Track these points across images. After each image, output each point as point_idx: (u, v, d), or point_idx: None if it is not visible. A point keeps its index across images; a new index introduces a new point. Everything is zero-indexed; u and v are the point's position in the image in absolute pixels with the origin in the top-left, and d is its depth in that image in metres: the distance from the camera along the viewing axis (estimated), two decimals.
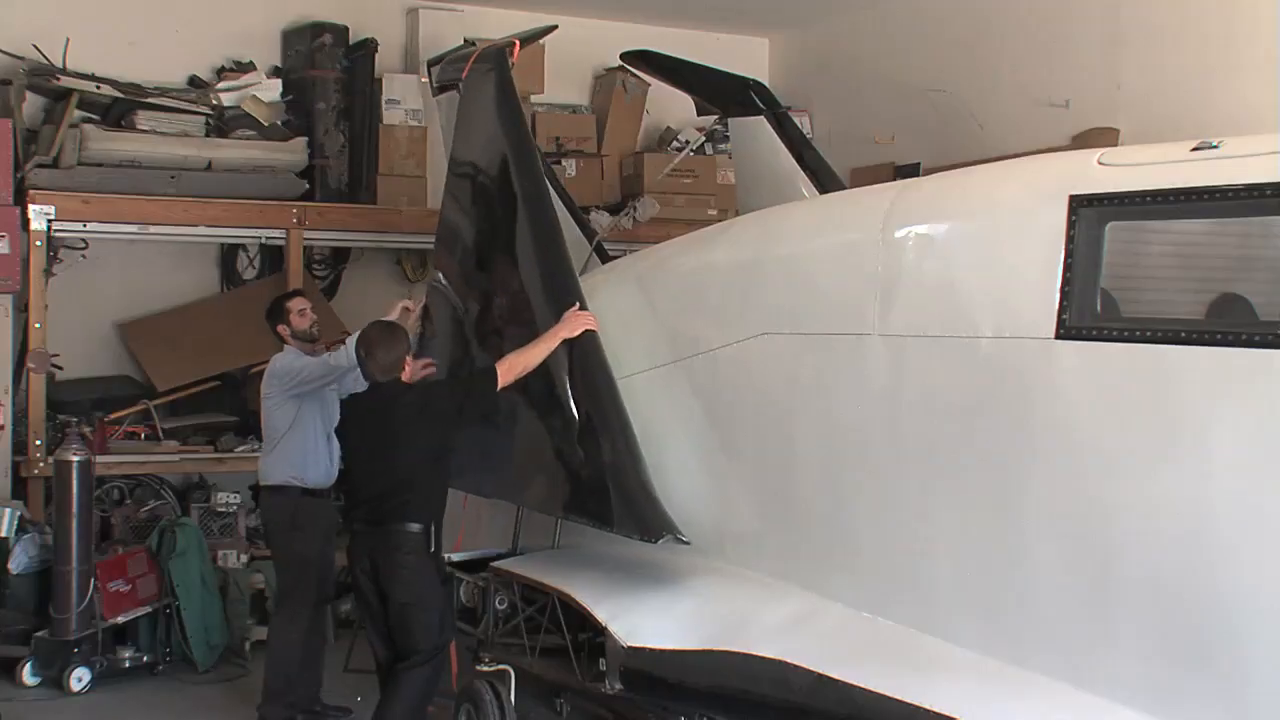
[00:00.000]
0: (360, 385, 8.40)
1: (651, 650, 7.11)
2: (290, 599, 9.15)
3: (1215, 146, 5.68)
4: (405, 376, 8.02)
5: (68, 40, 11.56)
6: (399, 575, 7.74)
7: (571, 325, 7.83)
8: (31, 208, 11.09)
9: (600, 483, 7.59)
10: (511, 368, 7.82)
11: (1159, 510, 5.54)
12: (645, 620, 7.23)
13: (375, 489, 7.84)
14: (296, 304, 9.47)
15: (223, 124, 12.07)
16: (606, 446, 7.60)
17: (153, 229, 11.72)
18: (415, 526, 7.72)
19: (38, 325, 11.09)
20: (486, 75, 9.16)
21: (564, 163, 13.12)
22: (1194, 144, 5.78)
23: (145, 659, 10.46)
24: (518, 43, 9.07)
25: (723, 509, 7.59)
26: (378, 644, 8.04)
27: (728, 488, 7.56)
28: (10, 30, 11.48)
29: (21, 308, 11.22)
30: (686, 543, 7.16)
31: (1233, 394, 5.37)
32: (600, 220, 11.77)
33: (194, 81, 12.40)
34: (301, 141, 12.28)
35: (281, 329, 9.33)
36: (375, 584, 7.83)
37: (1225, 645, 5.34)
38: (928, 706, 5.92)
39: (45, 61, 11.57)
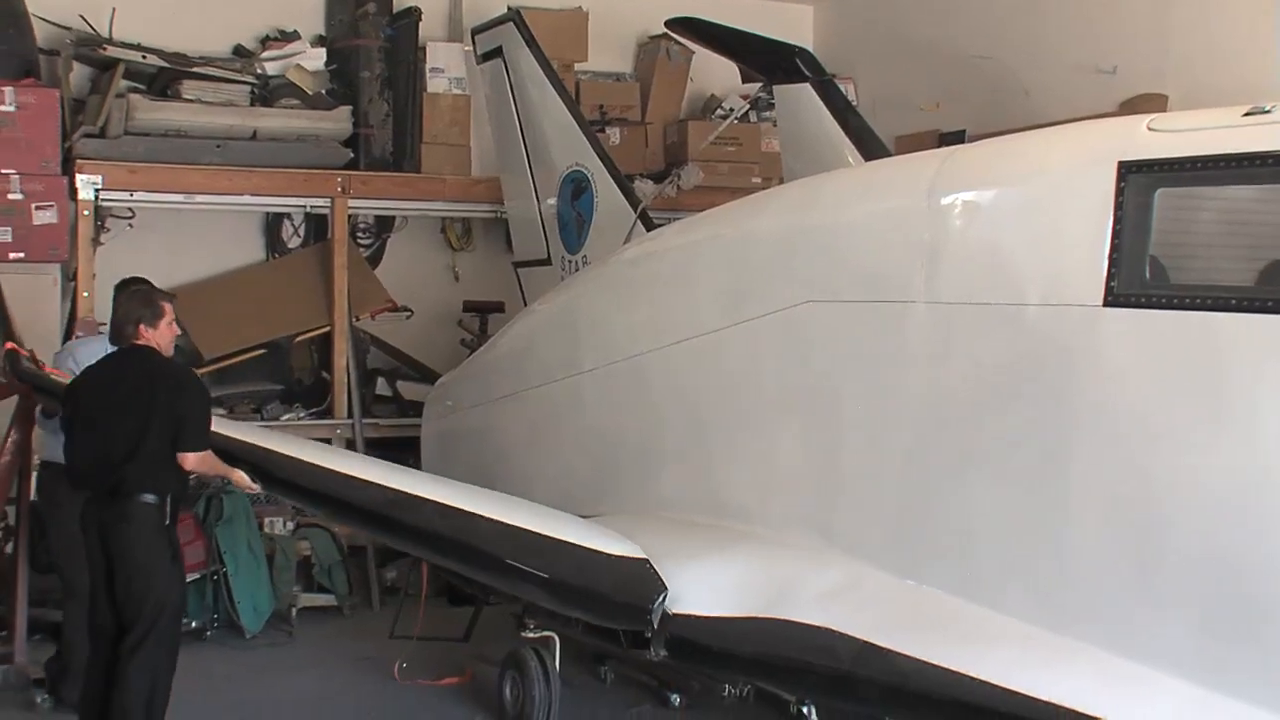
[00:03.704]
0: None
1: (697, 618, 7.12)
2: (80, 585, 8.24)
3: (1268, 111, 5.63)
4: (159, 339, 7.76)
5: (114, 10, 11.61)
6: (129, 547, 7.49)
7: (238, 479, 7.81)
8: (79, 177, 11.17)
9: (566, 590, 7.62)
10: (215, 469, 7.75)
11: (1207, 479, 5.51)
12: (690, 588, 7.23)
13: (111, 458, 7.51)
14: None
15: (267, 93, 12.11)
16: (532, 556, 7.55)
17: (198, 198, 11.82)
18: (150, 498, 7.50)
19: (85, 294, 11.16)
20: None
21: (608, 130, 13.07)
22: (1246, 109, 5.72)
23: (194, 625, 10.51)
24: (14, 345, 8.86)
25: (767, 477, 7.58)
26: (105, 613, 7.63)
27: (771, 455, 7.55)
28: (57, 1, 11.51)
29: (70, 276, 11.29)
30: (666, 590, 7.20)
31: None
32: (644, 188, 11.77)
33: (239, 51, 12.42)
34: (346, 110, 12.30)
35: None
36: (105, 553, 7.56)
37: (1275, 616, 5.30)
38: (973, 674, 5.92)
39: (92, 32, 11.65)
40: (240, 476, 7.77)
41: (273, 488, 8.62)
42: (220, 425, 8.01)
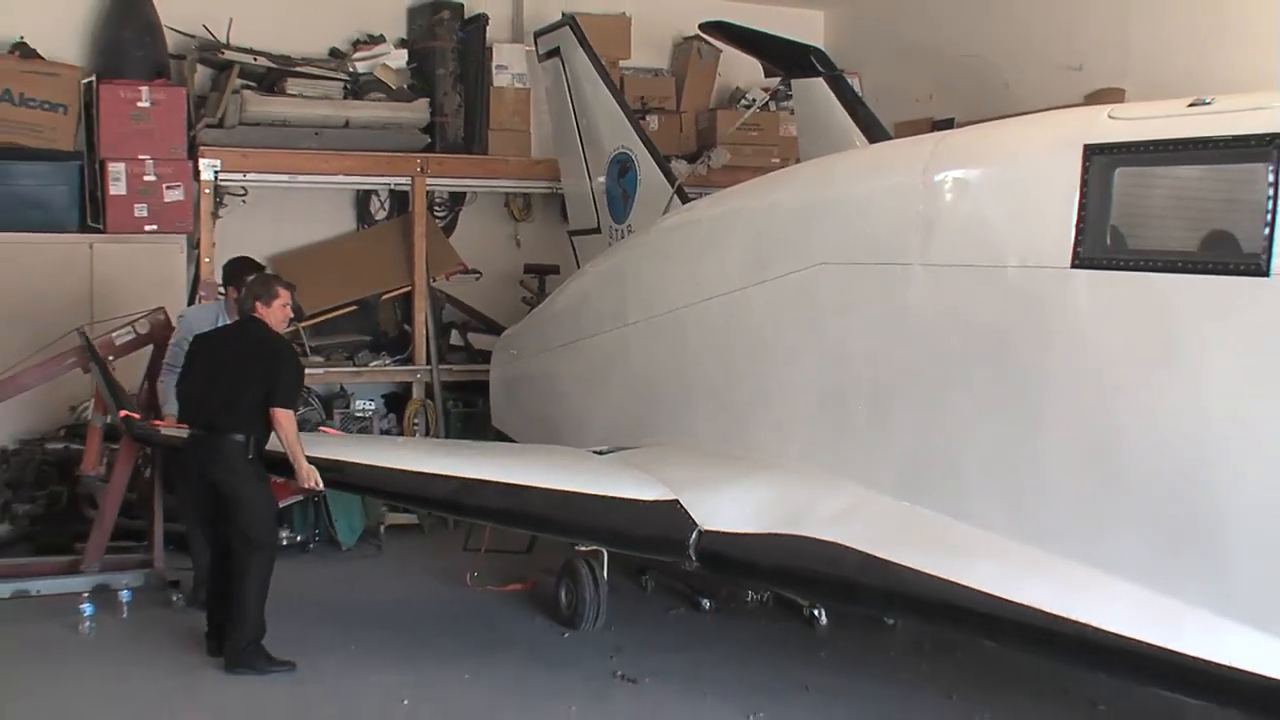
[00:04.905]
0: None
1: (725, 533, 7.22)
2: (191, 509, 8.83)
3: (1208, 103, 5.69)
4: (270, 316, 8.00)
5: (230, 21, 11.70)
6: (225, 475, 7.76)
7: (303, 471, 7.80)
8: (201, 161, 11.31)
9: (616, 537, 7.82)
10: (289, 435, 7.75)
11: (1158, 415, 5.60)
12: (720, 508, 7.32)
13: (217, 402, 7.81)
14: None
15: (358, 88, 12.15)
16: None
17: (300, 178, 11.88)
18: (238, 437, 7.73)
19: (207, 260, 11.29)
20: None
21: (648, 118, 13.06)
22: (1190, 100, 5.77)
23: (298, 539, 10.67)
24: (127, 413, 8.82)
25: (785, 415, 7.65)
26: (219, 529, 7.95)
27: (789, 396, 7.62)
28: (184, 13, 11.60)
29: (194, 245, 11.44)
30: (697, 526, 7.29)
31: (1220, 315, 5.41)
32: (679, 168, 11.77)
33: (333, 53, 12.46)
34: (424, 102, 12.34)
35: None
36: (207, 482, 7.87)
37: (1214, 532, 5.39)
38: (960, 581, 6.02)
39: (212, 39, 11.72)
40: (311, 471, 7.79)
41: (358, 491, 9.30)
42: (313, 445, 8.10)
